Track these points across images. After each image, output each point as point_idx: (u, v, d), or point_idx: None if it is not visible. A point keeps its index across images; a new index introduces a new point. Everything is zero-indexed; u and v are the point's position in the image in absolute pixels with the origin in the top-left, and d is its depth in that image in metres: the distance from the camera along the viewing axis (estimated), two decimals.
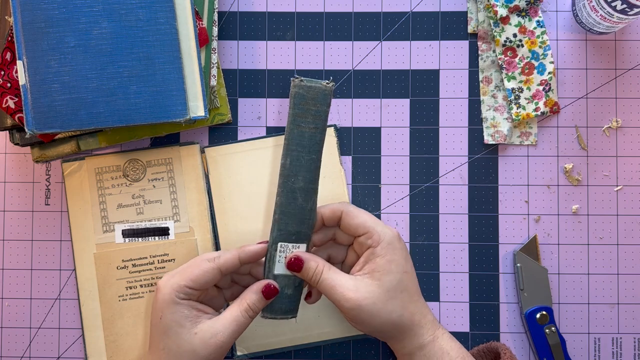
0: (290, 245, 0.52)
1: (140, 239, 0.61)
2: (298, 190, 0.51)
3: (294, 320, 0.55)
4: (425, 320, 0.53)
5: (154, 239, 0.61)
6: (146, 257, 0.60)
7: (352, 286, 0.51)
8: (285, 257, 0.52)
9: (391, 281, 0.51)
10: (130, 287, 0.60)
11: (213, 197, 0.61)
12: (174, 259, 0.60)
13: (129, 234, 0.61)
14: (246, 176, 0.61)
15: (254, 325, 0.59)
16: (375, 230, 0.52)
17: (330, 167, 0.61)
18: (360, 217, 0.53)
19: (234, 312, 0.51)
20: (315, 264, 0.52)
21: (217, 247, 0.61)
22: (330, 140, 0.61)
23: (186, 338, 0.49)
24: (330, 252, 0.56)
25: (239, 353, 0.60)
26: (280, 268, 0.52)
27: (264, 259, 0.53)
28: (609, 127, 0.62)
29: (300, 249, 0.52)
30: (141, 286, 0.60)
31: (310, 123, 0.50)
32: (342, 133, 0.62)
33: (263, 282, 0.52)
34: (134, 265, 0.60)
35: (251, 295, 0.51)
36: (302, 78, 0.50)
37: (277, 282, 0.52)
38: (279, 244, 0.52)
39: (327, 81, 0.50)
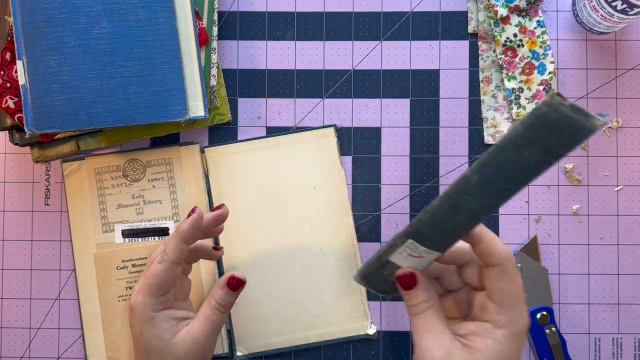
0: (422, 248, 0.43)
1: (140, 239, 0.60)
2: (465, 210, 0.40)
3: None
4: None
5: (154, 239, 0.60)
6: (146, 258, 0.60)
7: (445, 347, 0.42)
8: (410, 255, 0.44)
9: None
10: (130, 287, 0.60)
11: (213, 197, 0.61)
12: None
13: (128, 234, 0.60)
14: (246, 176, 0.61)
15: (253, 326, 0.59)
16: (508, 313, 0.42)
17: (330, 167, 0.61)
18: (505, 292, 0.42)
19: (206, 312, 0.51)
20: (427, 297, 0.44)
21: (220, 259, 0.61)
22: (330, 140, 0.61)
23: (168, 351, 0.49)
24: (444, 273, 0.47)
25: (238, 353, 0.60)
26: (396, 258, 0.44)
27: None
28: (609, 127, 0.62)
29: (430, 257, 0.44)
30: None
31: (537, 154, 0.37)
32: (342, 133, 0.62)
33: (226, 276, 0.52)
34: (133, 266, 0.60)
35: (218, 292, 0.51)
36: (566, 100, 0.35)
37: (386, 268, 0.45)
38: (410, 240, 0.43)
39: (599, 116, 0.35)
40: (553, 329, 0.59)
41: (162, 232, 0.61)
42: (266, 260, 0.60)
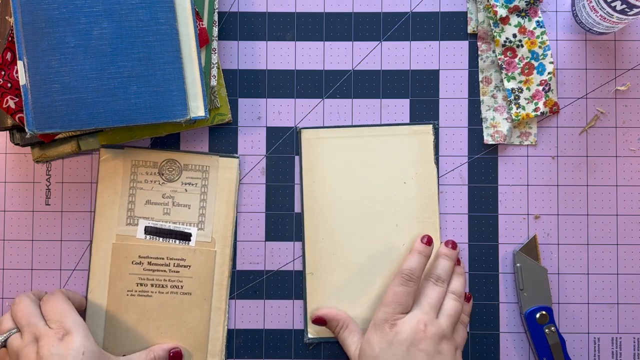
0: None
1: (161, 238, 0.60)
2: None
3: None
4: None
5: (175, 241, 0.60)
6: (163, 258, 0.60)
7: (352, 351, 0.58)
8: None
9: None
10: (141, 284, 0.60)
11: (303, 178, 0.61)
12: (189, 266, 0.60)
13: (151, 231, 0.60)
14: (338, 162, 0.61)
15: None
16: (379, 306, 0.57)
17: (423, 164, 0.61)
18: (392, 289, 0.56)
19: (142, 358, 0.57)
20: (336, 322, 0.59)
21: (234, 262, 0.61)
22: (427, 138, 0.61)
23: None
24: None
25: (310, 335, 0.60)
26: None
27: None
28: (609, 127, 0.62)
29: None
30: (152, 285, 0.60)
31: None
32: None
33: (169, 345, 0.59)
34: (149, 263, 0.60)
35: (160, 352, 0.58)
36: None
37: None
38: None
39: None
40: (552, 328, 0.59)
41: (185, 237, 0.60)
42: (348, 249, 0.60)
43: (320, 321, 0.59)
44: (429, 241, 0.58)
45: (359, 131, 0.61)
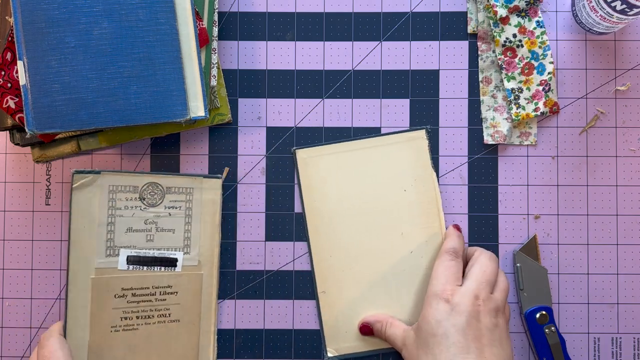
0: None
1: (145, 267, 0.58)
2: None
3: None
4: None
5: (160, 269, 0.58)
6: (148, 287, 0.57)
7: (401, 339, 0.57)
8: None
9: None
10: (126, 318, 0.57)
11: (304, 199, 0.60)
12: (176, 292, 0.58)
13: (134, 261, 0.57)
14: (336, 178, 0.60)
15: (345, 327, 0.60)
16: (431, 281, 0.56)
17: (420, 169, 0.61)
18: (441, 265, 0.56)
19: None
20: (380, 325, 0.59)
21: (220, 285, 0.61)
22: (421, 143, 0.61)
23: None
24: None
25: (329, 355, 0.60)
26: None
27: None
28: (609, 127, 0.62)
29: None
30: (137, 317, 0.57)
31: None
32: (342, 133, 0.62)
33: None
34: (133, 295, 0.57)
35: None
36: None
37: None
38: None
39: None
40: (552, 328, 0.59)
41: (170, 262, 0.58)
42: (357, 263, 0.60)
43: (366, 329, 0.59)
44: (457, 226, 0.59)
45: (353, 145, 0.61)
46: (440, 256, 0.57)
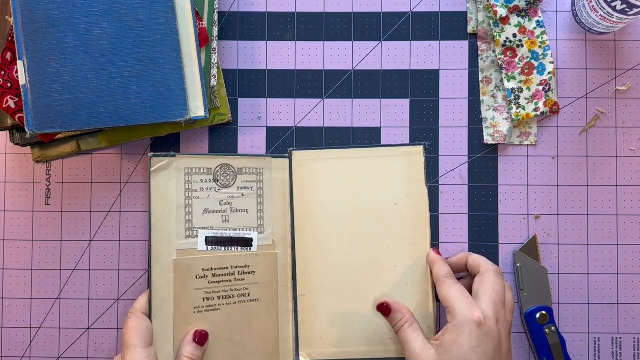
0: None
1: (223, 247, 0.58)
2: None
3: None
4: None
5: (237, 249, 0.58)
6: (227, 268, 0.58)
7: (419, 349, 0.53)
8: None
9: None
10: (208, 299, 0.57)
11: (295, 199, 0.60)
12: (254, 272, 0.58)
13: (212, 241, 0.58)
14: (329, 184, 0.60)
15: (320, 333, 0.59)
16: (453, 306, 0.53)
17: (413, 185, 0.60)
18: (451, 290, 0.54)
19: None
20: (400, 317, 0.56)
21: (294, 263, 0.60)
22: (418, 159, 0.60)
23: None
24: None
25: (301, 358, 0.59)
26: None
27: None
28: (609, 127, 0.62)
29: None
30: (218, 297, 0.57)
31: None
32: (342, 133, 0.62)
33: (191, 332, 0.56)
34: (214, 275, 0.57)
35: (186, 348, 0.55)
36: None
37: None
38: None
39: None
40: (552, 328, 0.59)
41: (246, 242, 0.59)
42: (340, 271, 0.60)
43: (384, 309, 0.57)
44: (437, 250, 0.59)
45: (349, 152, 0.61)
46: (443, 283, 0.55)
